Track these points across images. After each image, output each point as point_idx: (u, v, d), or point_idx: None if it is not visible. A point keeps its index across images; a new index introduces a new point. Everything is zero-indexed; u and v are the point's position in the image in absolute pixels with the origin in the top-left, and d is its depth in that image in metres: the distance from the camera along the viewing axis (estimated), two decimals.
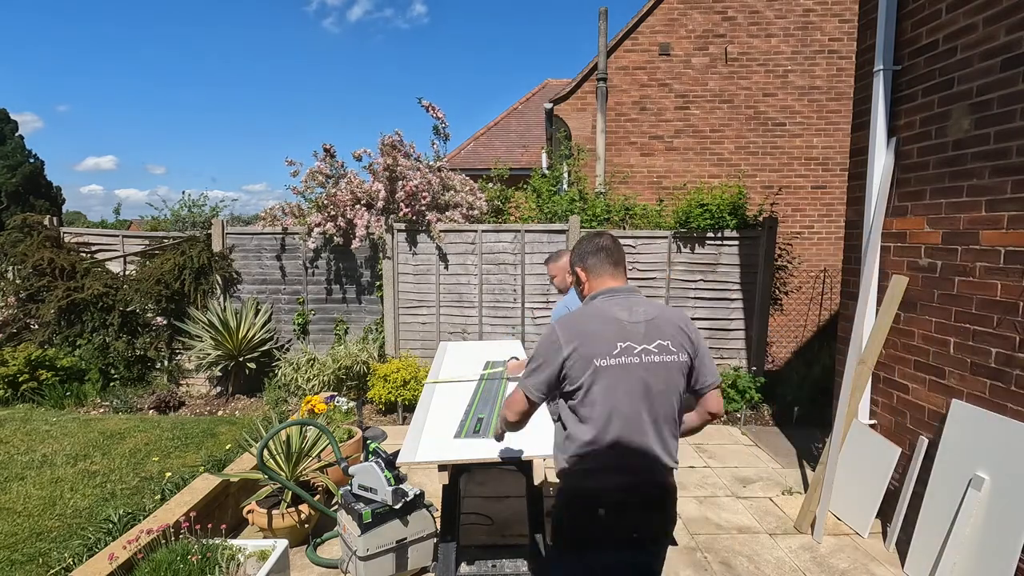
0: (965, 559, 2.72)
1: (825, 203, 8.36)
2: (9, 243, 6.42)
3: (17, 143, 21.65)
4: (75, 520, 3.45)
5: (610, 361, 1.72)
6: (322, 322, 6.51)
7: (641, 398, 1.73)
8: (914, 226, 3.30)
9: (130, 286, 6.27)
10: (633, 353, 1.73)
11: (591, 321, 1.79)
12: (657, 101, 8.29)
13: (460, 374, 3.60)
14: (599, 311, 1.81)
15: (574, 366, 1.72)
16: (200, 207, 8.00)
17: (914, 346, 3.30)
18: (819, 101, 8.20)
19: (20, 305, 6.35)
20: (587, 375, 1.72)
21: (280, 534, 3.12)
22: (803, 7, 8.07)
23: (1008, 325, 2.71)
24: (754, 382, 5.72)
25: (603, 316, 1.79)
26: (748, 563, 3.15)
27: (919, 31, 3.25)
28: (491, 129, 13.36)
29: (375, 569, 2.86)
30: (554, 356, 1.74)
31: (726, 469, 4.43)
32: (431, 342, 6.17)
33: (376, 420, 5.64)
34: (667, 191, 7.76)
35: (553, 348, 1.75)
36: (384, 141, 6.23)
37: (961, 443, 2.88)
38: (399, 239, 6.15)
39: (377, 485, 2.88)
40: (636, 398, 1.73)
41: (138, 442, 4.80)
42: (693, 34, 8.16)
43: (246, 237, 6.46)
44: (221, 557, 2.38)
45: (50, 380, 5.94)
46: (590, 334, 1.75)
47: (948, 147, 3.06)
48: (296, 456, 3.42)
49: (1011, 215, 2.70)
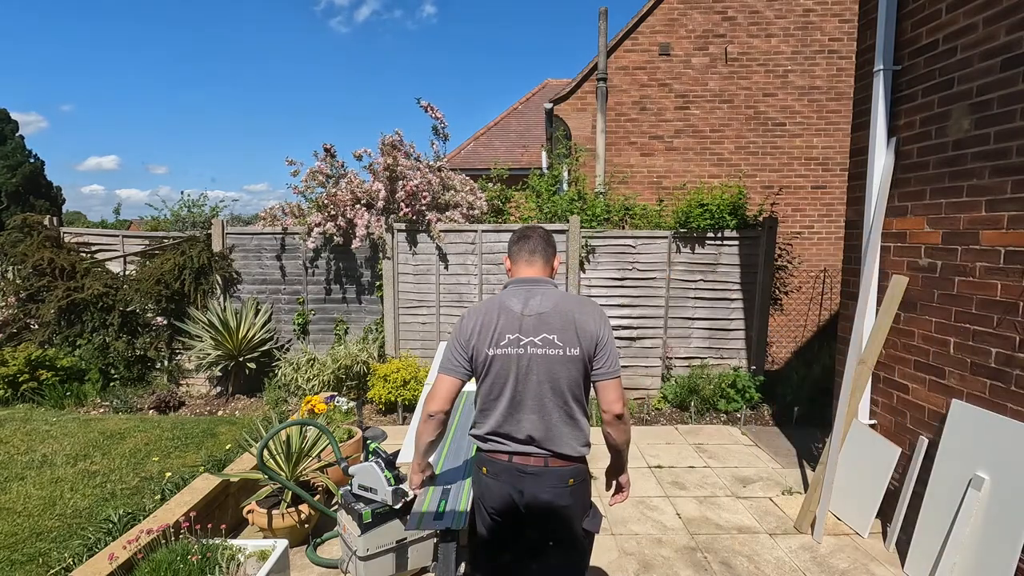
0: (965, 559, 2.72)
1: (825, 203, 8.36)
2: (9, 243, 6.42)
3: (17, 143, 21.65)
4: (75, 520, 3.45)
5: (498, 351, 1.86)
6: (322, 322, 6.51)
7: (525, 387, 1.86)
8: (914, 226, 3.30)
9: (130, 286, 6.27)
10: (519, 344, 1.85)
11: (491, 311, 1.91)
12: (657, 101, 8.29)
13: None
14: (499, 302, 1.93)
15: (475, 351, 1.89)
16: (200, 207, 8.00)
17: (914, 346, 3.30)
18: (819, 101, 8.21)
19: (20, 305, 6.35)
20: (481, 361, 1.88)
21: (280, 534, 3.12)
22: (803, 7, 8.08)
23: (1008, 325, 2.71)
24: (754, 382, 5.72)
25: (501, 306, 1.91)
26: (748, 563, 3.15)
27: (919, 31, 3.25)
28: (491, 129, 13.36)
29: (375, 569, 2.86)
30: (462, 338, 1.91)
31: (726, 469, 4.43)
32: (431, 342, 6.17)
33: (376, 420, 5.64)
34: (667, 191, 7.77)
35: (462, 332, 1.92)
36: (384, 141, 6.23)
37: (961, 443, 2.88)
38: (399, 239, 6.16)
39: (377, 485, 2.88)
40: (521, 387, 1.86)
41: (138, 442, 4.80)
42: (693, 34, 8.17)
43: (246, 237, 6.47)
44: (221, 557, 2.38)
45: (50, 380, 5.94)
46: (487, 323, 1.89)
47: (948, 147, 3.06)
48: (296, 456, 3.42)
49: (1011, 215, 2.70)
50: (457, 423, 3.15)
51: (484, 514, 1.98)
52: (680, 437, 5.15)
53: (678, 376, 5.91)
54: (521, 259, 2.01)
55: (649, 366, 6.04)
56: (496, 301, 1.94)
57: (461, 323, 1.94)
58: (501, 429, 1.89)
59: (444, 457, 2.80)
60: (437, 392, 1.92)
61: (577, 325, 1.85)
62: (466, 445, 2.86)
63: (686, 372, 5.90)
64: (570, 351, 1.83)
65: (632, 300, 6.01)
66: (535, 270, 1.99)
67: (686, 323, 6.02)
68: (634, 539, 3.38)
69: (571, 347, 1.84)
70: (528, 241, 2.01)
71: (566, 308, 1.88)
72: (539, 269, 2.00)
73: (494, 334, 1.86)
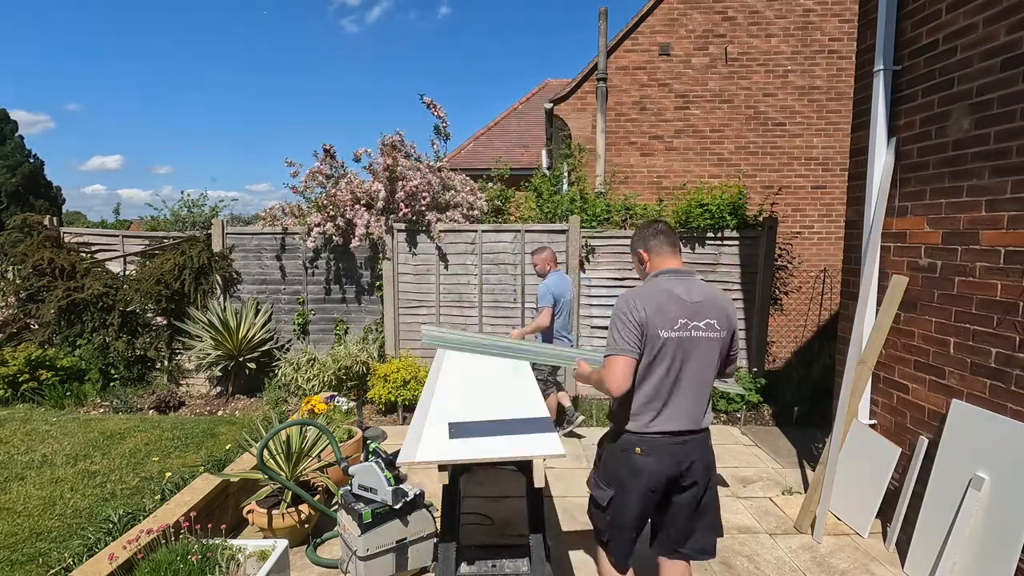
0: (965, 559, 2.72)
1: (825, 203, 8.36)
2: (9, 243, 6.42)
3: (17, 143, 21.66)
4: (75, 520, 3.45)
5: (671, 333, 2.05)
6: (322, 322, 6.51)
7: (690, 367, 2.08)
8: (914, 226, 3.30)
9: (130, 286, 6.27)
10: (687, 328, 2.06)
11: (659, 295, 2.09)
12: (657, 101, 8.29)
13: (460, 374, 3.59)
14: (664, 289, 2.11)
15: (651, 333, 2.04)
16: (199, 207, 7.99)
17: (914, 346, 3.30)
18: (819, 101, 8.21)
19: (20, 305, 6.35)
20: (656, 343, 2.04)
21: (280, 534, 3.12)
22: (803, 7, 8.08)
23: (1008, 325, 2.71)
24: (754, 382, 5.72)
25: (668, 293, 2.09)
26: (748, 563, 3.15)
27: (919, 31, 3.25)
28: (491, 129, 13.36)
29: (375, 569, 2.86)
30: (636, 316, 2.04)
31: (726, 469, 4.43)
32: None
33: (376, 420, 5.64)
34: (667, 191, 7.76)
35: (634, 311, 2.05)
36: (384, 141, 6.23)
37: (961, 443, 2.88)
38: (399, 239, 6.15)
39: (377, 485, 2.88)
40: (687, 366, 2.07)
41: (138, 442, 4.80)
42: (693, 34, 8.17)
43: (246, 237, 6.47)
44: (221, 557, 2.38)
45: (50, 380, 5.94)
46: (659, 307, 2.06)
47: (948, 147, 3.06)
48: (296, 456, 3.42)
49: (1011, 215, 2.70)
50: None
51: (636, 492, 2.13)
52: None
53: None
54: (664, 251, 2.22)
55: None
56: (660, 287, 2.12)
57: (632, 306, 2.05)
58: (667, 407, 2.10)
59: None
60: (620, 373, 2.03)
61: (728, 313, 2.13)
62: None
63: None
64: (723, 334, 2.11)
65: None
66: (679, 261, 2.24)
67: None
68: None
69: (724, 331, 2.11)
70: (668, 235, 2.24)
71: (715, 296, 2.15)
72: (680, 260, 2.25)
73: (669, 318, 2.04)
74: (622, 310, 2.07)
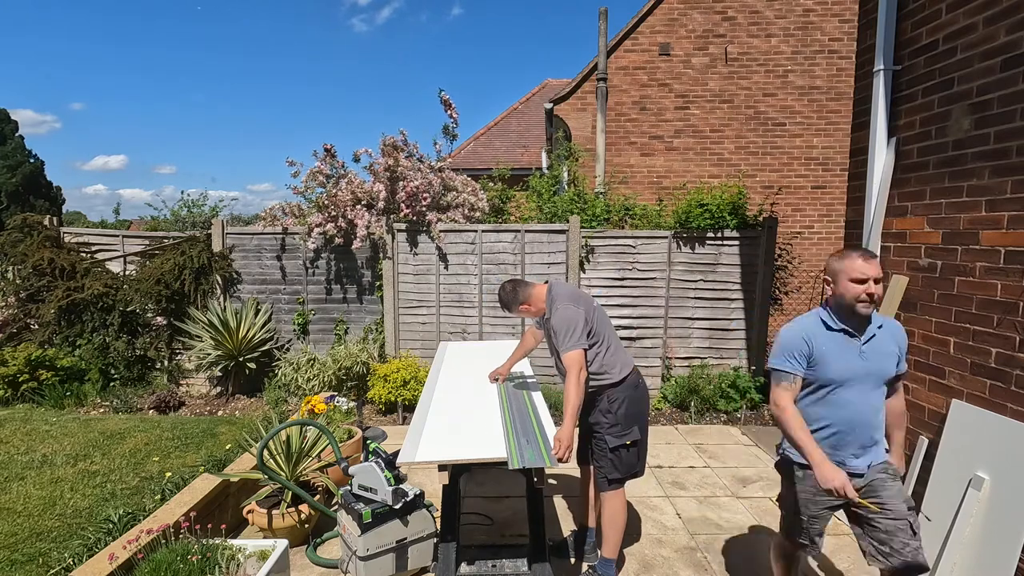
0: (965, 559, 2.72)
1: (825, 203, 8.36)
2: (9, 243, 6.42)
3: (17, 143, 21.67)
4: (75, 520, 3.45)
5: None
6: (322, 322, 6.51)
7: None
8: (914, 226, 3.30)
9: (130, 286, 6.27)
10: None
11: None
12: (657, 101, 8.29)
13: (459, 374, 3.60)
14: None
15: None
16: (200, 207, 8.00)
17: (914, 346, 3.30)
18: (819, 101, 8.21)
19: (20, 305, 6.35)
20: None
21: (280, 534, 3.12)
22: (803, 7, 8.08)
23: (1008, 325, 2.71)
24: (754, 382, 5.72)
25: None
26: (748, 563, 3.15)
27: (919, 31, 3.25)
28: (491, 129, 13.36)
29: (375, 569, 2.86)
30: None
31: (726, 469, 4.43)
32: (431, 342, 6.17)
33: (376, 420, 5.64)
34: (667, 191, 7.76)
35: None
36: (385, 141, 6.22)
37: (961, 443, 2.88)
38: (399, 239, 6.15)
39: (377, 485, 2.88)
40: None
41: (138, 442, 4.80)
42: (693, 34, 8.17)
43: (246, 237, 6.47)
44: (221, 557, 2.38)
45: (50, 380, 5.94)
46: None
47: (948, 147, 3.05)
48: (296, 456, 3.42)
49: (1011, 215, 2.70)
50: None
51: (643, 419, 2.89)
52: (680, 437, 5.15)
53: (678, 376, 5.91)
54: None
55: (649, 366, 6.04)
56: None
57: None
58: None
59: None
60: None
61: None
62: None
63: (686, 372, 5.90)
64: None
65: (632, 300, 6.01)
66: None
67: (686, 323, 6.02)
68: (634, 539, 3.38)
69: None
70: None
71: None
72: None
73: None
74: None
